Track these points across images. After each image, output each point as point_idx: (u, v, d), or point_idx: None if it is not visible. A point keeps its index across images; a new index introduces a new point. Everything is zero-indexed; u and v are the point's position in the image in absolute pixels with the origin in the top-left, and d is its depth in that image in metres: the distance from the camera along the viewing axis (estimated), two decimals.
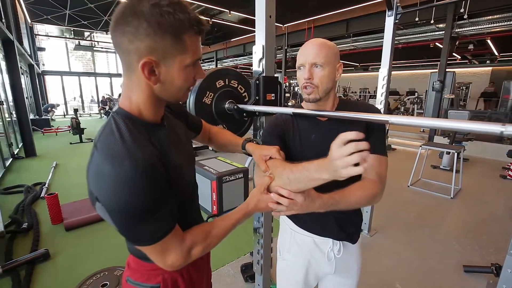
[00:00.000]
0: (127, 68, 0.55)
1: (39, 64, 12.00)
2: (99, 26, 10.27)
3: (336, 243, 0.91)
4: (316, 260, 0.94)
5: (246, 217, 0.70)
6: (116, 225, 0.53)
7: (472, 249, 2.30)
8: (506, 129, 0.49)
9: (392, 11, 2.13)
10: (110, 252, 2.23)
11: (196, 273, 0.75)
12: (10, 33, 4.71)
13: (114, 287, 1.78)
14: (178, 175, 0.61)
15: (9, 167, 4.66)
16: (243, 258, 2.16)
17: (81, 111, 14.82)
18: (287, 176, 0.66)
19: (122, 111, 0.57)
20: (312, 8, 7.48)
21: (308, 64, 0.78)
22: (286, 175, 0.67)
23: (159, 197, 0.53)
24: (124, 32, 0.50)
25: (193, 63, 0.56)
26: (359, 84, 15.13)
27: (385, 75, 2.25)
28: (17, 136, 5.95)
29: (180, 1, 0.51)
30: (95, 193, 0.52)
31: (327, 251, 0.91)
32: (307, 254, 0.94)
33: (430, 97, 6.77)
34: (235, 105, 1.27)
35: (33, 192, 3.40)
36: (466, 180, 3.95)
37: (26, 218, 2.77)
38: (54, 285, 1.87)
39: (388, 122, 0.68)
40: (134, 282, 0.68)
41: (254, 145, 0.85)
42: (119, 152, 0.49)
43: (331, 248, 0.91)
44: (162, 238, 0.55)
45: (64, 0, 7.62)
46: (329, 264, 0.93)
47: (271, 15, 1.20)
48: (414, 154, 3.92)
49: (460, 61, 11.89)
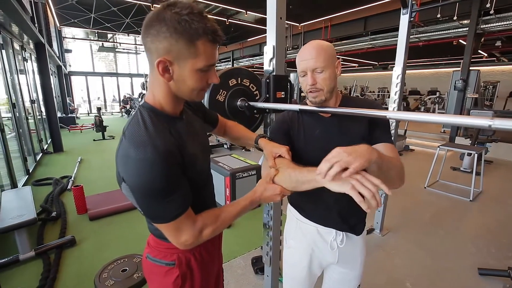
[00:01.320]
0: (150, 67, 0.63)
1: (66, 65, 12.69)
2: (121, 28, 10.72)
3: (339, 234, 0.95)
4: (320, 249, 0.98)
5: (253, 204, 0.77)
6: (137, 203, 0.61)
7: (488, 252, 2.24)
8: (494, 122, 0.52)
9: (407, 9, 2.12)
10: (130, 241, 2.38)
11: (208, 256, 0.82)
12: (41, 36, 5.05)
13: (132, 273, 1.91)
14: (193, 163, 0.68)
15: (39, 161, 5.02)
16: (253, 252, 2.23)
17: (104, 110, 15.50)
18: (289, 173, 0.75)
19: (147, 105, 0.66)
20: (329, 6, 7.41)
21: (310, 71, 0.83)
22: (288, 172, 0.75)
23: (175, 180, 0.61)
24: (148, 34, 0.58)
25: (205, 68, 0.62)
26: (378, 83, 14.74)
27: (399, 74, 2.23)
28: (46, 133, 6.36)
29: (200, 11, 0.58)
30: (121, 174, 0.60)
31: (330, 240, 0.96)
32: (310, 242, 0.99)
33: (451, 97, 6.52)
34: (247, 102, 1.34)
35: (61, 184, 3.65)
36: (487, 183, 3.79)
37: (54, 207, 2.99)
38: (80, 269, 2.03)
39: (386, 116, 0.71)
40: (153, 259, 0.77)
41: (266, 141, 0.91)
42: (143, 140, 0.58)
43: (334, 238, 0.95)
44: (176, 218, 0.63)
45: (90, 4, 8.02)
46: (332, 254, 0.97)
47: (281, 16, 1.25)
48: (433, 155, 3.82)
49: (486, 59, 11.28)
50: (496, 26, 5.93)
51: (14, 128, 3.91)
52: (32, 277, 1.91)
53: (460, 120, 0.57)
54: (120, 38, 14.35)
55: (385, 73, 15.34)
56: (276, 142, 0.89)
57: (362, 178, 0.58)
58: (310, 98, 0.89)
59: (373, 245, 2.30)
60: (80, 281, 1.90)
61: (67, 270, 2.01)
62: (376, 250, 2.24)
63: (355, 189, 0.57)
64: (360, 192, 0.57)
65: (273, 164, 0.82)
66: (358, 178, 0.58)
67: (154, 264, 0.76)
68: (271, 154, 0.84)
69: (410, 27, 2.17)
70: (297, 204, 1.03)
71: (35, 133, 5.35)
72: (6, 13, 3.17)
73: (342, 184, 0.60)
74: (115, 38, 14.05)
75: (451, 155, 5.30)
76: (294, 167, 0.76)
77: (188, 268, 0.76)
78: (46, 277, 1.88)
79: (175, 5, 0.57)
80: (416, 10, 2.14)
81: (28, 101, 5.05)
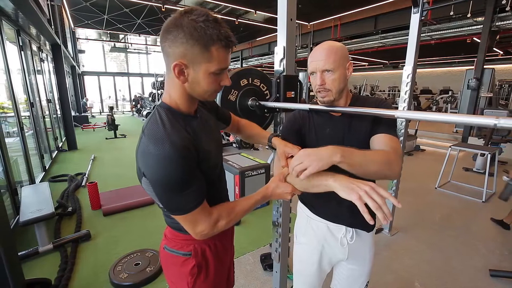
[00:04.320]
0: (167, 69, 0.67)
1: (80, 65, 13.04)
2: (133, 29, 10.93)
3: (349, 230, 0.98)
4: (330, 246, 1.01)
5: (265, 200, 0.81)
6: (157, 196, 0.66)
7: (501, 254, 2.21)
8: (499, 121, 0.54)
9: (417, 7, 2.10)
10: (142, 236, 2.45)
11: (221, 247, 0.86)
12: (57, 38, 5.22)
13: (145, 266, 1.98)
14: (207, 158, 0.72)
15: (55, 159, 5.19)
16: (262, 249, 2.26)
17: (115, 109, 15.84)
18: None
19: (164, 104, 0.70)
20: (339, 5, 7.36)
21: (319, 71, 0.85)
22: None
23: (191, 174, 0.65)
24: (166, 39, 0.62)
25: (218, 71, 0.66)
26: (389, 82, 14.51)
27: (409, 73, 2.22)
28: (61, 131, 6.57)
29: (215, 19, 0.62)
30: (142, 169, 0.65)
31: (340, 237, 0.98)
32: (321, 239, 1.01)
33: (464, 96, 6.37)
34: (257, 102, 1.37)
35: (76, 181, 3.78)
36: (502, 184, 3.70)
37: (70, 203, 3.11)
38: (95, 261, 2.11)
39: (394, 116, 0.73)
40: (170, 250, 0.81)
41: (279, 140, 0.93)
42: (161, 136, 0.62)
43: (344, 234, 0.98)
44: (193, 210, 0.67)
45: (103, 6, 8.22)
46: (342, 250, 0.99)
47: (292, 18, 1.28)
48: (444, 155, 3.76)
49: (502, 57, 10.96)
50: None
51: (31, 127, 4.07)
52: (50, 268, 2.00)
53: (466, 119, 0.58)
54: (132, 39, 14.64)
55: (395, 72, 15.09)
56: (288, 141, 0.92)
57: (371, 190, 0.61)
58: (319, 98, 0.91)
59: (382, 244, 2.30)
60: (95, 273, 1.97)
61: (83, 262, 2.10)
62: (385, 250, 2.24)
63: (362, 200, 0.61)
64: (366, 203, 0.60)
65: (286, 164, 0.85)
66: (366, 189, 0.62)
67: (171, 254, 0.81)
68: (284, 154, 0.87)
69: (421, 26, 2.15)
70: (307, 202, 1.06)
71: (51, 131, 5.54)
72: (26, 15, 3.30)
73: (350, 193, 0.64)
74: (126, 39, 14.34)
75: (463, 155, 5.20)
76: None
77: (203, 258, 0.81)
78: (63, 269, 1.96)
79: (192, 13, 0.61)
80: (427, 8, 2.12)
81: (44, 101, 5.23)
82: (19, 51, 3.74)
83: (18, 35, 3.69)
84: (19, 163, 3.34)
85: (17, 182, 3.02)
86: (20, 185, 3.13)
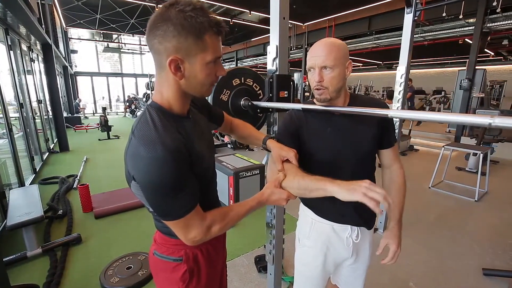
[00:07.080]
0: (158, 67, 0.64)
1: (72, 65, 12.86)
2: (126, 29, 10.82)
3: (354, 229, 0.97)
4: (334, 246, 0.99)
5: (260, 206, 0.78)
6: (147, 200, 0.62)
7: (494, 253, 2.22)
8: (494, 121, 0.53)
9: (411, 8, 2.11)
10: (134, 239, 2.40)
11: (214, 251, 0.83)
12: (48, 37, 5.13)
13: (137, 270, 1.94)
14: (199, 160, 0.69)
15: (46, 160, 5.09)
16: (257, 251, 2.24)
17: (109, 110, 15.66)
18: (298, 181, 0.76)
19: (155, 104, 0.67)
20: (333, 5, 7.40)
21: (318, 68, 0.82)
22: (297, 180, 0.77)
23: (183, 177, 0.62)
24: (155, 35, 0.59)
25: (213, 60, 0.63)
26: (383, 83, 14.64)
27: (403, 73, 2.23)
28: (52, 132, 6.45)
29: (202, 6, 0.59)
30: (131, 172, 0.61)
31: (345, 237, 0.97)
32: (325, 241, 1.00)
33: (457, 96, 6.46)
34: (250, 102, 1.35)
35: (67, 183, 3.71)
36: (494, 183, 3.75)
37: (61, 205, 3.04)
38: (86, 266, 2.06)
39: (388, 115, 0.72)
40: (160, 255, 0.78)
41: (275, 143, 0.90)
42: (152, 138, 0.59)
43: (350, 234, 0.97)
44: (186, 215, 0.63)
45: (96, 5, 8.12)
46: (347, 250, 0.99)
47: (284, 16, 1.26)
48: (438, 155, 3.79)
49: (493, 58, 11.15)
50: (503, 25, 5.87)
51: (21, 128, 3.98)
52: (39, 273, 1.94)
53: (461, 119, 0.57)
54: (125, 39, 14.51)
55: (389, 72, 15.23)
56: (283, 144, 0.89)
57: (370, 185, 0.63)
58: (315, 96, 0.88)
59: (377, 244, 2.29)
60: (86, 277, 1.93)
61: (73, 267, 2.04)
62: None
63: (368, 196, 0.61)
64: (372, 197, 0.61)
65: (282, 167, 0.83)
66: (366, 186, 0.63)
67: (161, 260, 0.77)
68: (279, 157, 0.84)
69: (414, 26, 2.16)
70: (312, 205, 1.03)
71: (41, 132, 5.43)
72: (15, 14, 3.23)
73: (353, 193, 0.63)
74: (120, 39, 14.20)
75: (456, 155, 5.25)
76: (303, 175, 0.77)
77: (195, 263, 0.78)
78: (53, 274, 1.91)
79: (178, 3, 0.58)
80: (420, 9, 2.13)
81: (35, 101, 5.13)
82: (8, 50, 3.66)
83: (6, 34, 3.61)
84: (8, 165, 3.25)
85: (6, 185, 2.94)
86: (8, 188, 3.06)
